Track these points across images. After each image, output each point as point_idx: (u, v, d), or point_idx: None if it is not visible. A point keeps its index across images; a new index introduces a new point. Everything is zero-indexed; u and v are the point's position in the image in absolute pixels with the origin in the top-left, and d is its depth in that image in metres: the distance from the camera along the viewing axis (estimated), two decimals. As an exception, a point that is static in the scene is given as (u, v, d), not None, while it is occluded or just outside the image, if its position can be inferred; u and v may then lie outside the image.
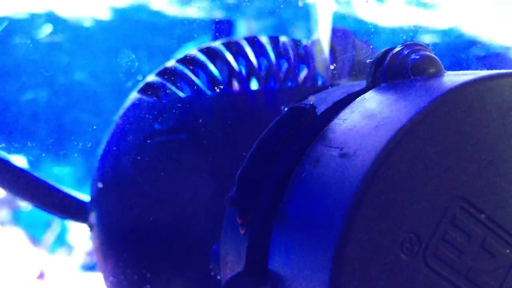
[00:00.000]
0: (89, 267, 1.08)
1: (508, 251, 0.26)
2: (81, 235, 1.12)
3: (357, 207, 0.24)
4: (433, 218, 0.25)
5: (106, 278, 0.44)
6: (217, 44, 0.45)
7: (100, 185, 0.43)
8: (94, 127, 0.47)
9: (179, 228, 0.41)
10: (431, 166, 0.25)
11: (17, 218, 1.13)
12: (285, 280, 0.27)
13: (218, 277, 0.38)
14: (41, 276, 1.02)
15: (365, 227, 0.24)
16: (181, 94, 0.42)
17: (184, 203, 0.41)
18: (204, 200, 0.40)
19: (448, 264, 0.25)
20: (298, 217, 0.27)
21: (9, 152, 0.51)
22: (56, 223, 1.12)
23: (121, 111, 0.45)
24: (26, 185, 0.46)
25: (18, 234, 1.10)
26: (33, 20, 0.66)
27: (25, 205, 1.10)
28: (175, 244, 0.41)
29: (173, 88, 0.43)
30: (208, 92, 0.42)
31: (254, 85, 0.43)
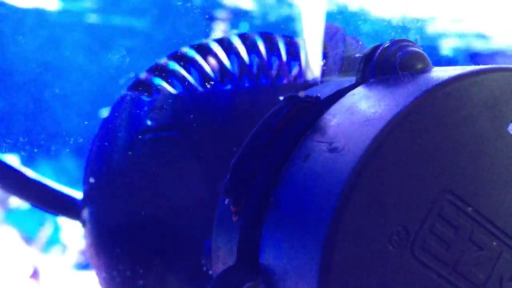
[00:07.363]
0: (83, 266, 1.08)
1: (495, 243, 0.27)
2: (74, 234, 1.12)
3: (346, 200, 0.24)
4: (421, 211, 0.25)
5: (99, 274, 0.44)
6: (209, 40, 0.45)
7: (91, 180, 0.44)
8: (86, 122, 0.47)
9: (171, 223, 0.41)
10: (418, 160, 0.25)
11: (10, 217, 1.12)
12: (276, 273, 0.27)
13: (210, 272, 0.38)
14: (34, 275, 1.01)
15: (354, 220, 0.24)
16: (172, 90, 0.43)
17: (176, 199, 0.41)
18: (196, 196, 0.41)
19: (436, 256, 0.26)
20: (289, 211, 0.28)
21: (1, 148, 0.51)
22: (49, 222, 1.12)
23: (113, 108, 0.45)
24: (18, 182, 0.46)
25: (11, 233, 1.09)
26: (22, 17, 0.66)
27: (18, 204, 1.09)
28: (167, 239, 0.41)
29: (165, 84, 0.43)
30: (200, 89, 0.42)
31: (245, 82, 0.43)
